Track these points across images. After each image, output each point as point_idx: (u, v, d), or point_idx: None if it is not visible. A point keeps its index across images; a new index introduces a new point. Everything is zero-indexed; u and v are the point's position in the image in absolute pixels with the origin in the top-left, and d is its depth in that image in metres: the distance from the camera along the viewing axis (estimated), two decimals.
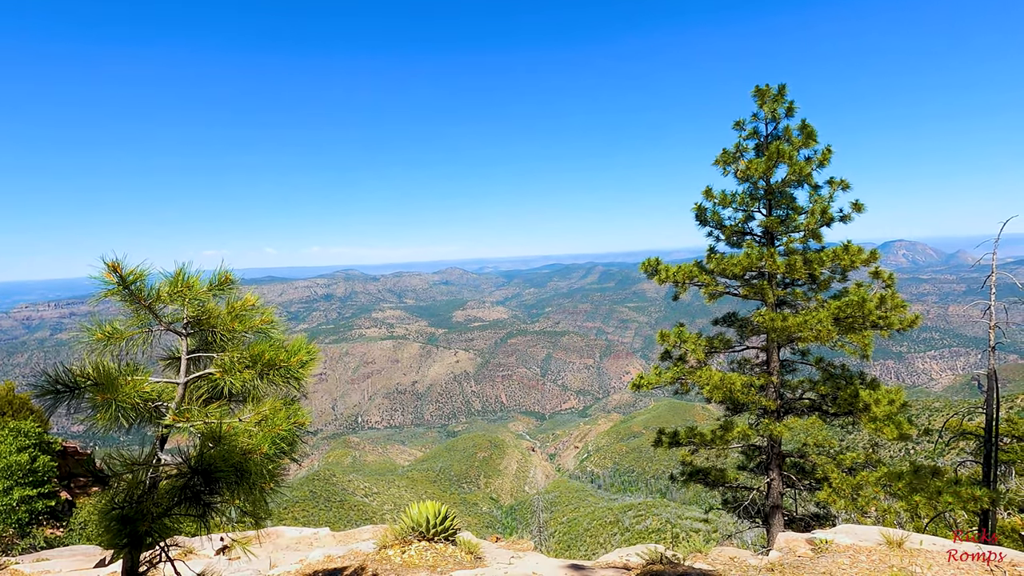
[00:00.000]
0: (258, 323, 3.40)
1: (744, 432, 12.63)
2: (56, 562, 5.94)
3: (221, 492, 2.95)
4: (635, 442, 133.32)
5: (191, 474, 2.90)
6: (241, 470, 2.84)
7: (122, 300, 3.13)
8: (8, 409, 24.12)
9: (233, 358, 3.19)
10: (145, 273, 3.11)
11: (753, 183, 13.05)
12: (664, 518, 66.01)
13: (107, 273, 3.00)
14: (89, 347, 3.15)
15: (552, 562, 5.31)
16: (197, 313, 3.28)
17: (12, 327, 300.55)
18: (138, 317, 3.22)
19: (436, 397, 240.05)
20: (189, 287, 3.24)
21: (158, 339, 3.34)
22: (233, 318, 3.32)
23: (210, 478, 2.85)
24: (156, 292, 3.19)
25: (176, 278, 3.25)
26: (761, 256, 12.14)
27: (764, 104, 12.96)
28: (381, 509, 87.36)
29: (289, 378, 3.25)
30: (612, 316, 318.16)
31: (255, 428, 3.00)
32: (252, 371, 3.17)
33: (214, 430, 2.89)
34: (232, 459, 2.81)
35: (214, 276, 3.40)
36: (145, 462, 3.02)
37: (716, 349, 13.83)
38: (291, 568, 5.20)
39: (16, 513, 17.57)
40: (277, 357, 3.17)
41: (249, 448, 2.89)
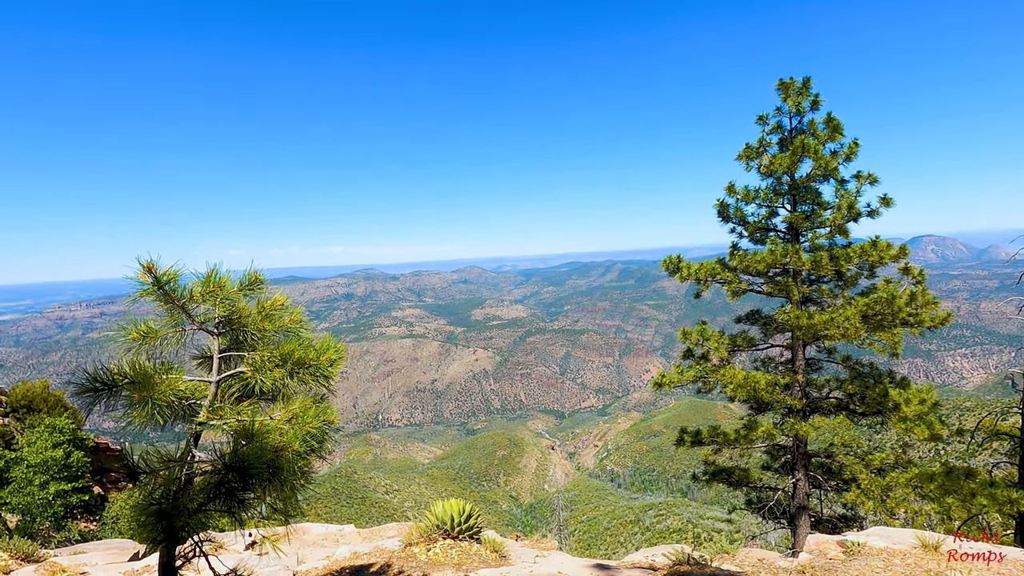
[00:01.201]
0: (287, 322, 3.45)
1: (769, 431, 12.42)
2: (92, 555, 6.12)
3: (254, 488, 3.00)
4: (655, 441, 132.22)
5: (225, 471, 2.95)
6: (273, 467, 2.88)
7: (156, 300, 3.20)
8: (43, 406, 24.89)
9: (264, 357, 3.24)
10: (178, 274, 3.18)
11: (777, 178, 12.83)
12: (685, 518, 65.39)
13: (142, 274, 3.07)
14: (125, 346, 3.22)
15: (577, 561, 5.29)
16: (228, 313, 3.34)
17: (46, 326, 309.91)
18: (172, 317, 3.29)
19: (455, 395, 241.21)
20: (221, 287, 3.30)
21: (191, 338, 3.41)
22: (263, 318, 3.37)
23: (244, 474, 2.90)
24: (189, 292, 3.25)
25: (208, 278, 3.31)
26: (786, 252, 11.92)
27: (788, 98, 12.72)
28: (402, 506, 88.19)
29: (318, 376, 3.30)
30: (632, 314, 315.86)
31: (286, 426, 3.05)
32: (282, 370, 3.22)
33: (247, 428, 2.94)
34: (265, 456, 2.85)
35: (244, 276, 3.46)
36: (180, 459, 3.09)
37: (739, 347, 13.63)
38: (319, 564, 5.28)
39: (52, 507, 18.12)
40: (306, 356, 3.21)
41: (281, 445, 2.93)
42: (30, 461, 18.38)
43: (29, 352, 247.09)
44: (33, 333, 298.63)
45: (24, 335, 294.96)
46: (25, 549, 5.83)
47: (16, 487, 17.76)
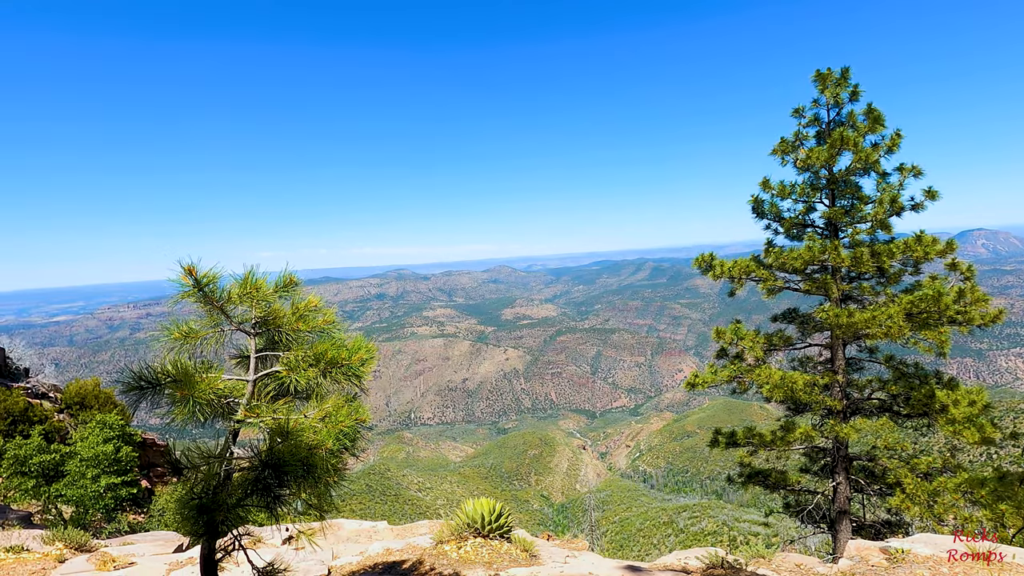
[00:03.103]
0: (320, 323, 3.54)
1: (807, 433, 12.06)
2: (140, 546, 6.40)
3: (289, 485, 3.09)
4: (689, 442, 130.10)
5: (262, 467, 3.05)
6: (308, 464, 2.96)
7: (196, 301, 3.33)
8: (95, 403, 26.06)
9: (298, 356, 3.33)
10: (217, 276, 3.30)
11: (814, 172, 12.46)
12: (720, 520, 64.13)
13: (183, 276, 3.19)
14: (168, 346, 3.36)
15: (608, 562, 5.25)
16: (264, 314, 3.45)
17: (96, 327, 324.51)
18: (211, 318, 3.41)
19: (486, 394, 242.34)
20: (257, 289, 3.40)
21: (229, 339, 3.52)
22: (297, 318, 3.46)
23: (279, 471, 2.99)
24: (227, 294, 3.37)
25: (245, 280, 3.42)
26: (824, 249, 11.57)
27: (826, 89, 12.33)
28: (434, 504, 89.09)
29: (350, 376, 3.37)
30: (664, 313, 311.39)
31: (319, 424, 3.13)
32: (316, 369, 3.30)
33: (282, 426, 3.03)
34: (299, 454, 2.93)
35: (279, 278, 3.57)
36: (220, 455, 3.20)
37: (775, 346, 13.31)
38: (353, 560, 5.39)
39: (103, 499, 18.95)
40: (339, 355, 3.28)
41: (315, 443, 3.01)
42: (83, 455, 19.28)
43: (82, 351, 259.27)
44: (85, 333, 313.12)
45: (77, 335, 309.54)
46: (78, 539, 6.14)
47: (71, 480, 18.66)
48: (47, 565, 5.43)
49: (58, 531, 6.23)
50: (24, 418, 21.36)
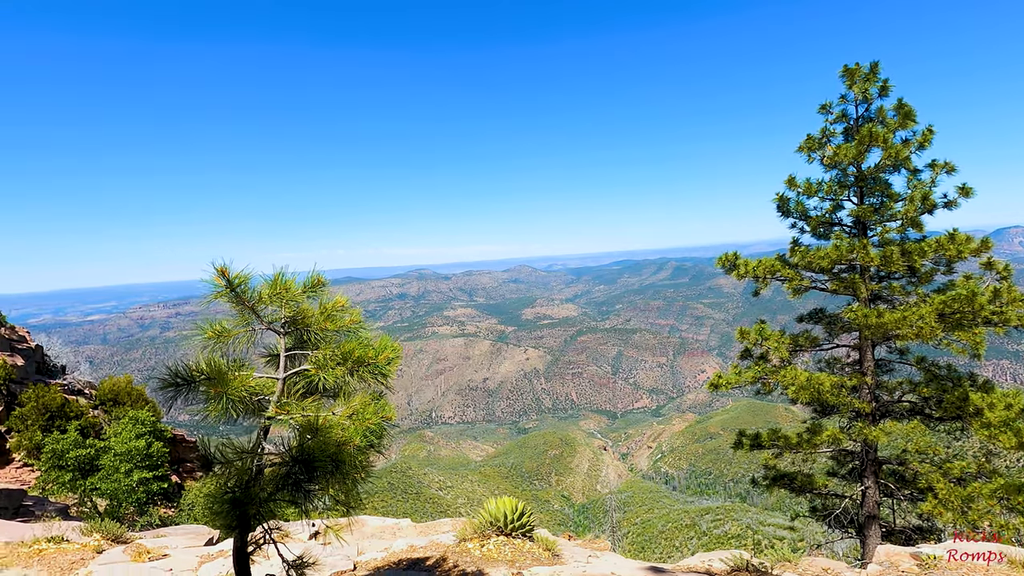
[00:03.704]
0: (347, 322, 3.61)
1: (835, 436, 11.81)
2: (172, 539, 6.60)
3: (319, 480, 3.16)
4: (712, 443, 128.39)
5: (292, 463, 3.13)
6: (336, 460, 3.03)
7: (228, 301, 3.43)
8: (127, 399, 26.81)
9: (326, 355, 3.41)
10: (248, 277, 3.39)
11: (842, 170, 12.22)
12: (744, 524, 63.12)
13: (216, 277, 3.29)
14: (201, 344, 3.47)
15: (630, 563, 5.23)
16: (293, 313, 3.54)
17: (128, 325, 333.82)
18: (242, 317, 3.51)
19: (507, 394, 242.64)
20: (286, 289, 3.49)
21: (259, 338, 3.62)
22: (325, 318, 3.54)
23: (309, 467, 3.06)
24: (258, 294, 3.46)
25: (275, 281, 3.51)
26: (852, 248, 11.33)
27: (854, 84, 12.08)
28: (455, 503, 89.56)
29: (376, 374, 3.43)
30: (686, 313, 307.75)
31: (347, 421, 3.20)
32: (343, 367, 3.37)
33: (312, 422, 3.10)
34: (328, 450, 3.00)
35: (307, 279, 3.65)
36: (252, 451, 3.29)
37: (801, 347, 13.09)
38: (377, 556, 5.48)
39: (135, 493, 19.51)
40: (366, 354, 3.35)
41: (343, 440, 3.07)
42: (116, 450, 19.88)
43: (114, 349, 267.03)
44: (117, 332, 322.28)
45: (110, 334, 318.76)
46: (114, 531, 6.36)
47: (105, 474, 19.27)
48: (85, 555, 5.64)
49: (95, 523, 6.47)
50: (61, 414, 22.09)
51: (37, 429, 20.78)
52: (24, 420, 20.89)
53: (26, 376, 23.48)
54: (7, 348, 23.53)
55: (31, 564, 5.23)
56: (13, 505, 13.92)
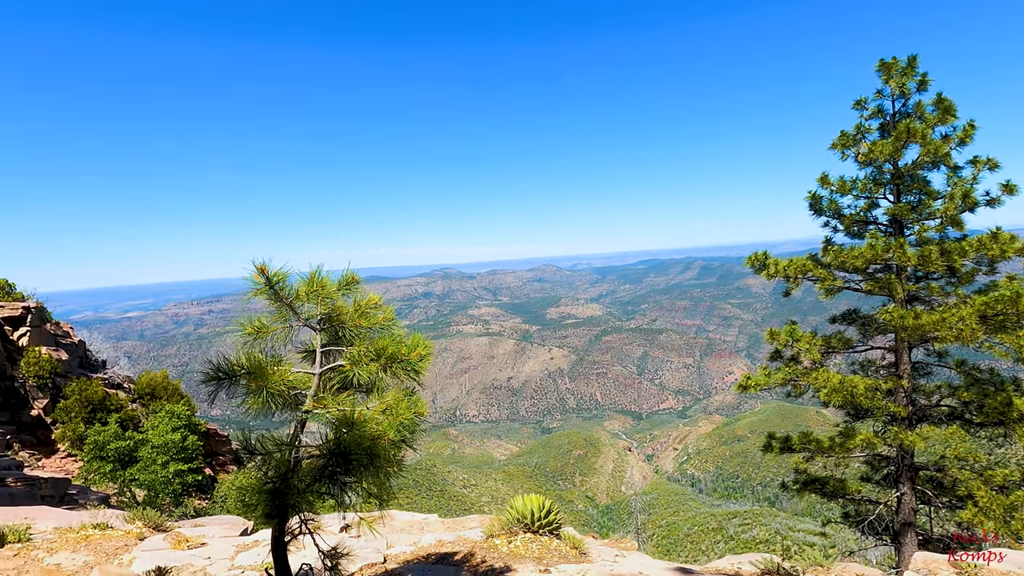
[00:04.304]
0: (380, 320, 3.69)
1: (869, 440, 11.51)
2: (209, 528, 6.83)
3: (354, 473, 3.25)
4: (739, 446, 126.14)
5: (329, 456, 3.22)
6: (371, 453, 3.11)
7: (267, 298, 3.54)
8: (163, 394, 27.67)
9: (361, 351, 3.50)
10: (287, 274, 3.50)
11: (878, 167, 11.91)
12: (773, 529, 61.87)
13: (256, 275, 3.41)
14: (241, 340, 3.59)
15: (658, 564, 5.21)
16: (328, 310, 3.64)
17: (164, 322, 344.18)
18: (280, 314, 3.63)
19: (531, 393, 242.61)
20: (322, 287, 3.59)
21: (296, 334, 3.73)
22: (359, 315, 3.63)
23: (345, 459, 3.15)
24: (296, 291, 3.57)
25: (312, 279, 3.62)
26: (888, 247, 11.02)
27: (890, 79, 11.75)
28: (479, 501, 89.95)
29: (409, 371, 3.51)
30: (713, 313, 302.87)
31: (381, 416, 3.28)
32: (377, 364, 3.46)
33: (348, 417, 3.19)
34: (364, 443, 3.08)
35: (342, 277, 3.75)
36: (290, 443, 3.40)
37: (834, 349, 12.79)
38: (406, 549, 5.58)
39: (171, 484, 20.14)
40: (399, 351, 3.43)
41: (377, 434, 3.15)
42: (154, 442, 20.56)
43: (151, 345, 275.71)
44: (154, 328, 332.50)
45: (147, 330, 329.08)
46: (155, 519, 6.63)
47: (143, 465, 19.95)
48: (129, 542, 5.88)
49: (138, 511, 6.74)
50: (102, 407, 22.94)
51: (80, 421, 21.63)
52: (68, 412, 21.77)
53: (70, 370, 24.46)
54: (52, 343, 24.56)
55: (79, 549, 5.48)
56: (59, 493, 14.54)
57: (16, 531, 5.65)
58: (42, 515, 7.71)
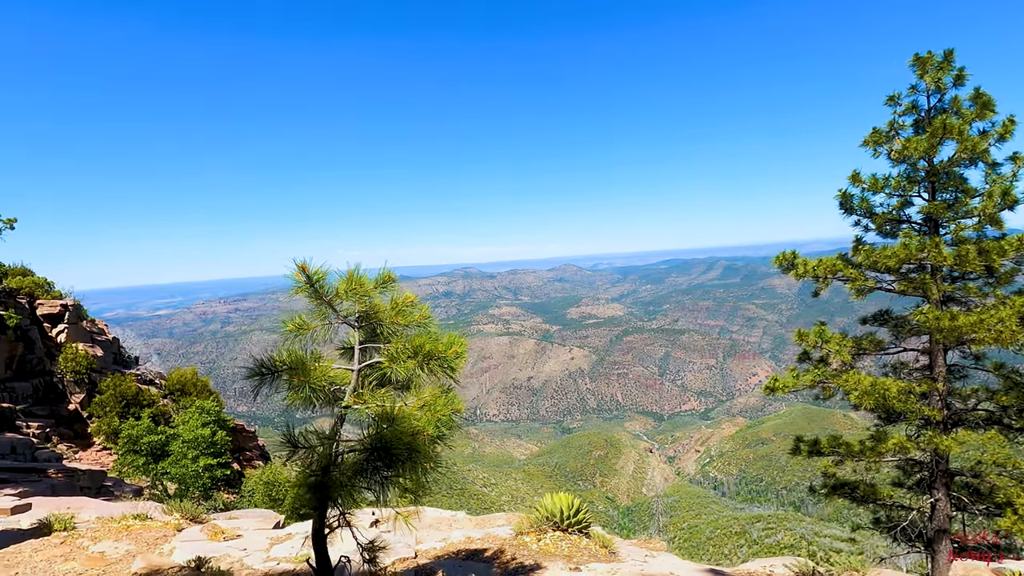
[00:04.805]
0: (417, 318, 3.75)
1: (902, 444, 11.24)
2: (242, 521, 7.01)
3: (395, 467, 3.31)
4: (763, 449, 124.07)
5: (370, 450, 3.29)
6: (412, 449, 3.16)
7: (307, 296, 3.63)
8: (193, 390, 28.33)
9: (398, 348, 3.56)
10: (326, 273, 3.58)
11: (912, 164, 11.61)
12: (798, 534, 60.70)
13: (297, 273, 3.49)
14: (281, 336, 3.68)
15: (688, 564, 5.18)
16: (366, 308, 3.71)
17: (192, 320, 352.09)
18: (320, 311, 3.71)
19: (551, 393, 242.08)
20: (360, 285, 3.66)
21: (335, 331, 3.81)
22: (396, 313, 3.69)
23: (387, 454, 3.21)
24: (335, 289, 3.65)
25: (351, 278, 3.69)
26: (923, 246, 10.75)
27: (926, 74, 11.44)
28: (499, 500, 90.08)
29: (446, 368, 3.56)
30: (737, 314, 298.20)
31: (419, 412, 3.33)
32: (414, 361, 3.51)
33: (388, 412, 3.25)
34: (405, 438, 3.13)
35: (378, 275, 3.82)
36: (331, 437, 3.48)
37: (865, 350, 12.51)
38: (436, 545, 5.65)
39: (201, 478, 20.61)
40: (436, 348, 3.48)
41: (416, 430, 3.20)
42: (184, 437, 21.07)
43: (179, 343, 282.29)
44: (183, 326, 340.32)
45: (176, 328, 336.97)
46: (193, 511, 6.83)
47: (174, 459, 20.47)
48: (167, 532, 6.07)
49: (176, 503, 6.95)
50: (135, 402, 23.60)
51: (115, 416, 22.29)
52: (103, 407, 22.44)
53: (105, 366, 25.23)
54: (88, 340, 25.35)
55: (121, 538, 5.67)
56: (96, 485, 15.03)
57: (62, 520, 5.88)
58: (83, 505, 7.99)
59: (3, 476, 10.48)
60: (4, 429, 17.79)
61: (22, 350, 21.25)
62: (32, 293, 24.04)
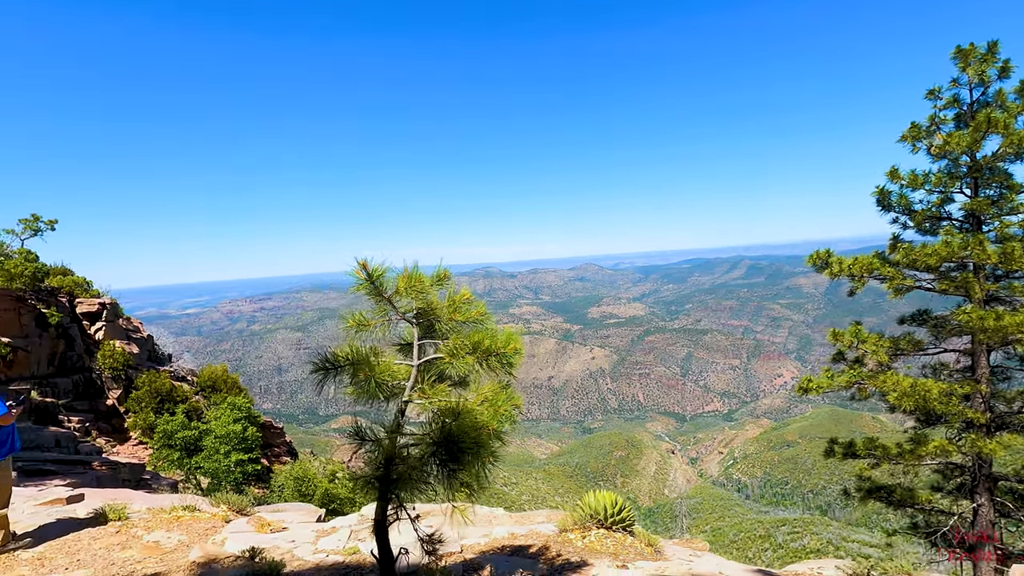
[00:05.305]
0: (474, 314, 3.80)
1: (943, 447, 10.94)
2: (286, 514, 7.17)
3: (460, 461, 3.36)
4: (789, 451, 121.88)
5: (438, 444, 3.35)
6: (478, 443, 3.21)
7: (367, 293, 3.70)
8: (223, 386, 28.95)
9: (457, 344, 3.61)
10: (386, 270, 3.65)
11: (953, 160, 11.30)
12: (825, 538, 59.49)
13: (357, 271, 3.57)
14: (344, 332, 3.77)
15: (734, 565, 5.14)
16: (423, 305, 3.77)
17: (219, 319, 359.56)
18: (380, 308, 3.79)
19: (572, 393, 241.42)
20: (420, 281, 3.72)
21: (395, 327, 3.88)
22: (453, 310, 3.75)
23: (455, 447, 3.27)
24: (396, 286, 3.72)
25: (411, 274, 3.75)
26: (965, 244, 10.45)
27: (968, 67, 11.13)
28: (520, 499, 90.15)
29: (504, 364, 3.60)
30: (761, 314, 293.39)
31: (479, 407, 3.38)
32: (473, 357, 3.56)
33: (454, 407, 3.31)
34: (471, 433, 3.18)
35: (435, 272, 3.87)
36: (395, 431, 3.55)
37: (903, 351, 12.22)
38: (480, 541, 5.70)
39: (233, 473, 21.05)
40: (495, 344, 3.52)
41: (481, 424, 3.25)
42: (217, 433, 21.55)
43: (207, 340, 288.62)
44: (210, 325, 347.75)
45: (204, 326, 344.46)
46: (239, 504, 7.01)
47: (207, 454, 20.95)
48: (216, 524, 6.24)
49: (223, 496, 7.13)
50: (170, 398, 24.22)
51: (150, 411, 22.92)
52: (139, 402, 23.08)
53: (140, 363, 25.96)
54: (124, 337, 26.11)
55: (172, 528, 5.85)
56: (135, 477, 15.49)
57: (116, 510, 6.09)
58: (129, 496, 8.26)
59: (52, 468, 10.88)
60: (48, 423, 18.44)
61: (63, 347, 22.00)
62: (72, 292, 24.87)
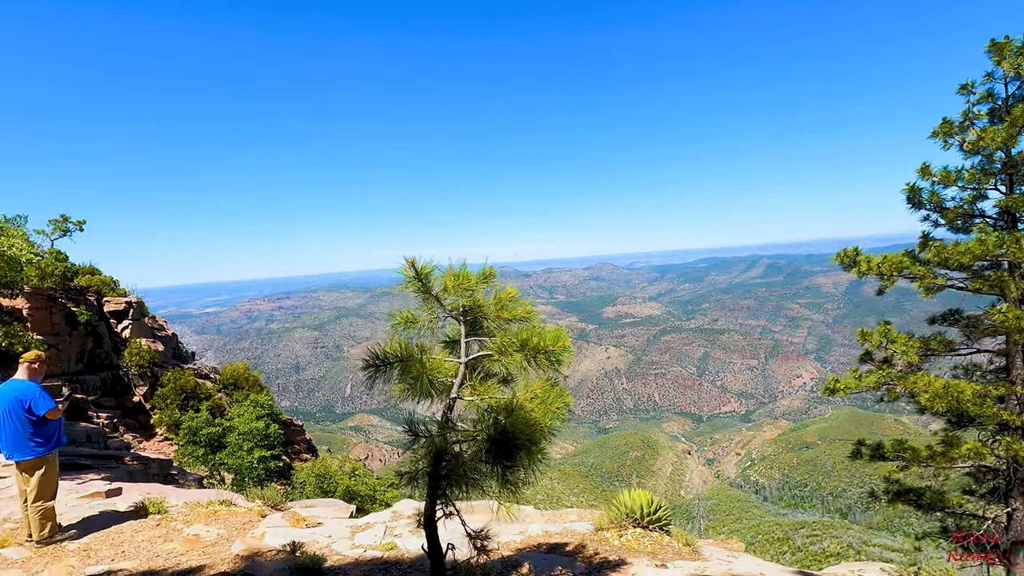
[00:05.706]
0: (520, 312, 3.82)
1: (976, 450, 10.70)
2: (319, 510, 7.27)
3: (514, 458, 3.38)
4: (808, 453, 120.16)
5: (492, 440, 3.37)
6: (531, 440, 3.22)
7: (414, 291, 3.74)
8: (245, 384, 29.36)
9: (505, 342, 3.63)
10: (433, 268, 3.69)
11: (987, 156, 11.04)
12: (845, 542, 58.55)
13: (405, 268, 3.61)
14: (391, 330, 3.81)
15: (773, 566, 5.10)
16: (470, 303, 3.79)
17: (238, 317, 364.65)
18: (427, 306, 3.82)
19: (587, 392, 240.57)
20: (467, 279, 3.75)
21: (442, 325, 3.92)
22: (500, 307, 3.77)
23: (510, 443, 3.28)
24: (444, 284, 3.75)
25: (459, 272, 3.79)
26: (1001, 242, 10.20)
27: (1003, 60, 10.85)
28: (534, 499, 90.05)
29: (552, 362, 3.61)
30: (779, 313, 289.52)
31: (529, 404, 3.39)
32: (521, 354, 3.58)
33: (507, 404, 3.33)
34: (526, 430, 3.20)
35: (481, 270, 3.90)
36: (446, 427, 3.58)
37: (933, 351, 11.97)
38: (516, 538, 5.74)
39: (256, 470, 21.35)
40: (543, 342, 3.53)
41: (533, 421, 3.26)
42: (240, 430, 21.87)
43: (227, 339, 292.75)
44: (229, 323, 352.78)
45: (223, 325, 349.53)
46: (274, 499, 7.11)
47: (231, 451, 21.28)
48: (252, 518, 6.34)
49: (258, 491, 7.25)
50: (194, 395, 24.64)
51: (175, 408, 23.34)
52: (165, 399, 23.52)
53: (165, 360, 26.44)
54: (150, 335, 26.62)
55: (210, 522, 5.97)
56: (163, 473, 15.79)
57: (155, 504, 6.23)
58: (163, 491, 8.42)
59: (86, 463, 11.13)
60: (78, 419, 18.87)
61: (92, 345, 22.50)
62: (99, 291, 25.43)
